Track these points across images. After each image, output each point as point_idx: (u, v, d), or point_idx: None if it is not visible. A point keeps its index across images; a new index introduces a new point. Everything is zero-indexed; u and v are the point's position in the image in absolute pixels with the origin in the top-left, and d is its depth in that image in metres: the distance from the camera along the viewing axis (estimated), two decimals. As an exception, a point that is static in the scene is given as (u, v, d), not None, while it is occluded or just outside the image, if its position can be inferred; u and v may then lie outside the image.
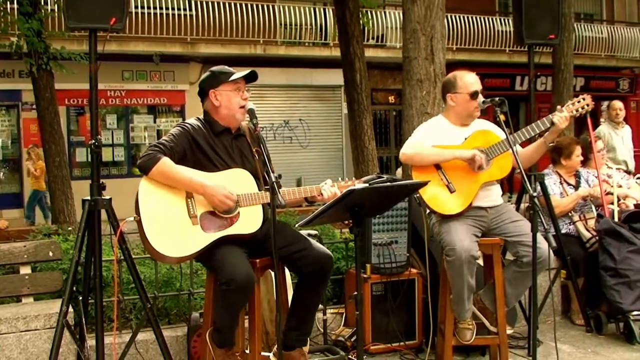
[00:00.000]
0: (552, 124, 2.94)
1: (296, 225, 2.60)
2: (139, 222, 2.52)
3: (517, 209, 3.61)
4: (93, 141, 2.85)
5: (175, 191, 2.57)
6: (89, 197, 2.87)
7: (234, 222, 2.60)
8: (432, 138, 3.05)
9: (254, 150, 2.77)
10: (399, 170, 9.98)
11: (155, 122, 12.03)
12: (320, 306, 3.53)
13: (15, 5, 7.14)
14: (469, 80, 3.02)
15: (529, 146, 3.10)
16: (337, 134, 13.34)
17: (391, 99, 13.89)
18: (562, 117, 2.94)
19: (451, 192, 2.96)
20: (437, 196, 2.99)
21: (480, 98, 3.00)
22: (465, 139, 3.02)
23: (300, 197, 2.69)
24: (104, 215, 2.86)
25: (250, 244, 2.68)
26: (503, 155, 2.97)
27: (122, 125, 11.83)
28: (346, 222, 3.29)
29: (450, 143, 3.00)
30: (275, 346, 2.48)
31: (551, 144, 3.04)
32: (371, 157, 6.70)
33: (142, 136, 11.93)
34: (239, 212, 2.60)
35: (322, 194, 2.64)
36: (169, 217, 2.53)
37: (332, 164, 13.06)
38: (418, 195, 3.11)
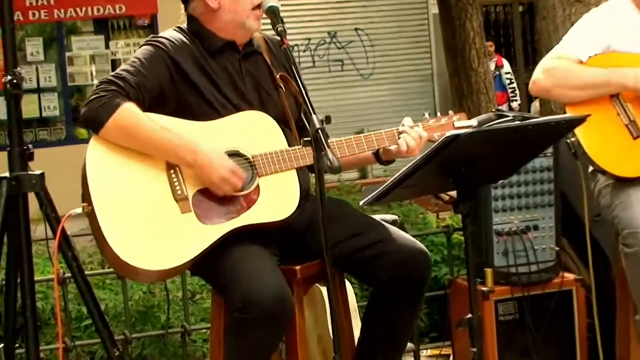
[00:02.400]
0: None
1: (360, 204, 2.62)
2: (92, 215, 2.59)
3: None
4: (8, 77, 2.89)
5: (147, 157, 2.65)
6: (6, 174, 2.91)
7: (251, 203, 2.66)
8: (601, 42, 3.09)
9: (277, 76, 2.80)
10: (536, 105, 9.72)
11: (107, 47, 12.16)
12: (410, 345, 3.55)
13: None
14: None
15: None
16: (421, 53, 13.20)
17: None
18: None
19: (635, 137, 3.00)
20: (608, 144, 3.05)
21: None
22: None
23: (362, 151, 2.77)
24: (33, 205, 2.91)
25: (283, 241, 2.73)
26: None
27: (53, 56, 12.00)
28: (445, 196, 3.26)
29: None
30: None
31: None
32: (484, 84, 6.68)
33: (86, 73, 12.10)
34: (258, 186, 2.66)
35: (397, 143, 2.76)
36: (141, 204, 2.60)
37: (413, 103, 12.94)
38: (573, 141, 3.08)
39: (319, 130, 2.38)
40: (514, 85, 11.97)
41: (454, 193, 2.56)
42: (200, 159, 2.61)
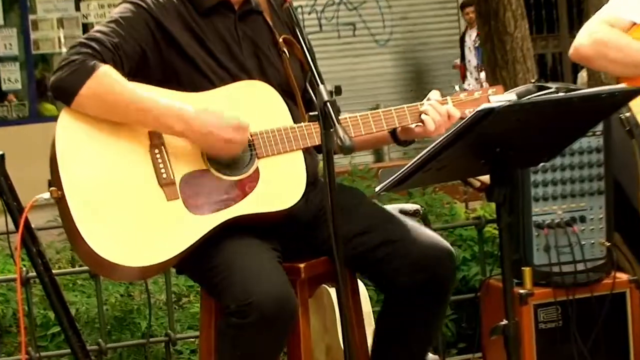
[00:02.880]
0: None
1: (376, 190, 2.65)
2: (62, 202, 2.59)
3: None
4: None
5: (128, 134, 2.66)
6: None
7: (249, 190, 2.68)
8: None
9: (280, 39, 2.82)
10: (583, 75, 9.71)
11: (77, 9, 12.14)
12: (434, 357, 3.53)
13: None
14: None
15: None
16: (448, 15, 13.18)
17: None
18: None
19: None
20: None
21: None
22: None
23: (380, 129, 2.79)
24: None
25: (285, 234, 2.75)
26: None
27: (14, 20, 12.01)
28: (476, 182, 3.27)
29: None
30: None
31: None
32: (521, 52, 6.64)
33: (53, 39, 12.10)
34: (257, 170, 2.69)
35: (421, 121, 2.73)
36: (119, 189, 2.62)
37: (438, 75, 12.95)
38: (628, 117, 3.10)
39: (328, 103, 2.38)
40: None
41: (486, 178, 2.57)
42: (193, 124, 2.62)
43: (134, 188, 2.63)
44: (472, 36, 11.87)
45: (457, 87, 2.83)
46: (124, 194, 2.63)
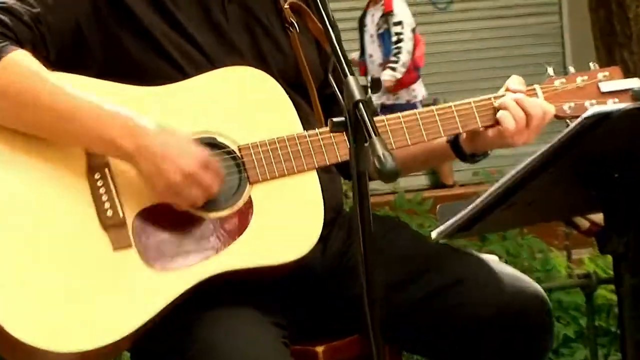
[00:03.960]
0: None
1: (433, 237, 2.63)
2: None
3: None
4: None
5: (54, 151, 2.71)
6: None
7: (238, 231, 2.71)
8: None
9: (286, 5, 2.84)
10: None
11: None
12: None
13: None
14: None
15: None
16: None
17: None
18: None
19: None
20: None
21: None
22: None
23: (435, 137, 2.82)
24: None
25: (293, 298, 2.79)
26: None
27: None
28: (584, 223, 3.25)
29: None
30: None
31: None
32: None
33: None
34: (250, 200, 2.74)
35: (497, 121, 2.79)
36: (44, 235, 2.66)
37: (525, 53, 12.99)
38: None
39: (361, 104, 2.33)
40: (401, 45, 11.35)
41: (599, 217, 2.60)
42: (147, 143, 2.62)
43: (63, 233, 2.64)
44: (375, 17, 11.41)
45: (549, 71, 2.81)
46: (49, 243, 2.63)
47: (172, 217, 2.67)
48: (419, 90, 11.23)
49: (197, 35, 2.77)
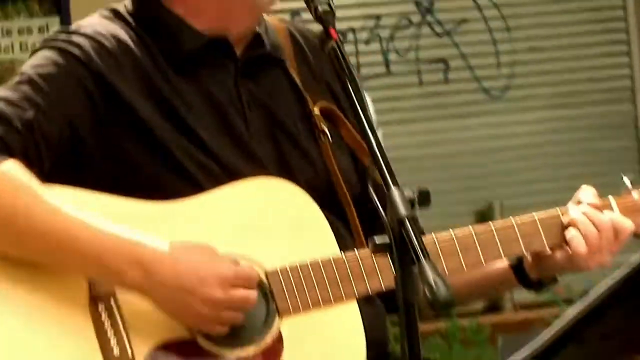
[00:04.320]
0: None
1: None
2: None
3: None
4: None
5: (51, 278, 2.71)
6: None
7: None
8: None
9: (316, 110, 2.83)
10: None
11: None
12: None
13: None
14: None
15: None
16: (613, 43, 13.36)
17: None
18: None
19: None
20: None
21: None
22: None
23: (493, 259, 2.81)
24: None
25: None
26: None
27: None
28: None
29: None
30: None
31: None
32: None
33: None
34: (280, 336, 2.73)
35: (565, 241, 2.78)
36: None
37: (595, 150, 13.01)
38: None
39: (407, 221, 2.33)
40: None
41: None
42: (162, 273, 2.62)
43: None
44: None
45: (626, 181, 2.80)
46: None
47: (187, 357, 2.67)
48: None
49: (213, 145, 2.77)
